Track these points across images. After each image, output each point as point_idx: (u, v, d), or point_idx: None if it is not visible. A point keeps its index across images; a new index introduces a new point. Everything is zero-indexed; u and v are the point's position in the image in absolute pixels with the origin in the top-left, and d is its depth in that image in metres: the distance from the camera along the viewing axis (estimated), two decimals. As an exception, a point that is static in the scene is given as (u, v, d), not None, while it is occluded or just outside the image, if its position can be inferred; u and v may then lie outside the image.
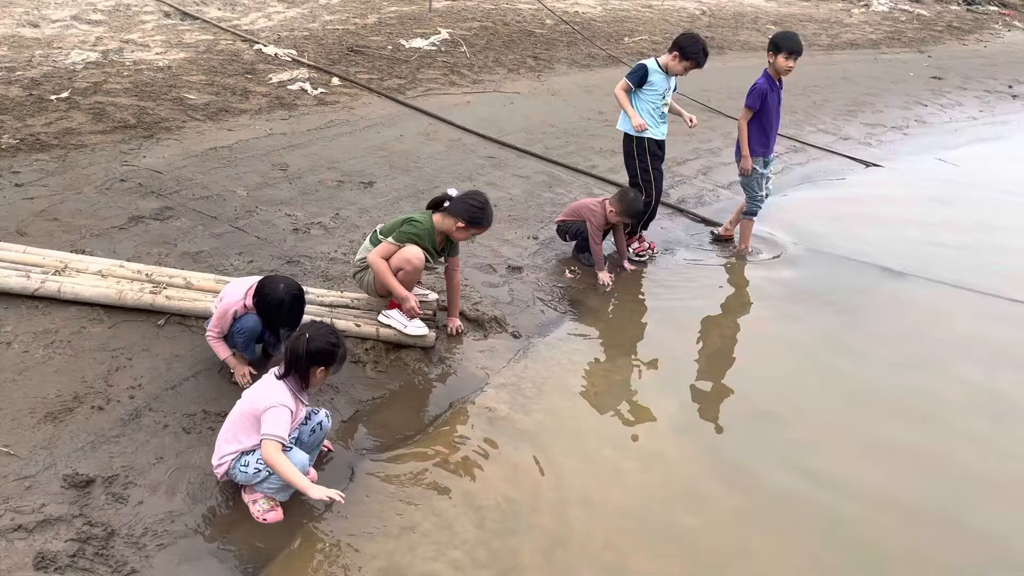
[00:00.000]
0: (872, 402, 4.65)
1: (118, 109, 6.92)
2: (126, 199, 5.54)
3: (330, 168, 6.51)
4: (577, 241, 5.83)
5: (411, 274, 4.36)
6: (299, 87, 8.07)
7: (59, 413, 3.62)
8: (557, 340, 4.98)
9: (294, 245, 5.31)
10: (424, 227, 4.33)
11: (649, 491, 3.87)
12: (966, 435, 4.42)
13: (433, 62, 9.56)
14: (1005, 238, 7.07)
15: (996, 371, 5.04)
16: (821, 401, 4.66)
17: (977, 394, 4.81)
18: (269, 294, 3.77)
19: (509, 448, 4.00)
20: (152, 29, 9.13)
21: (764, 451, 4.19)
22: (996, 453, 4.31)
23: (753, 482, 3.95)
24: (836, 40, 14.15)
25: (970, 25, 16.99)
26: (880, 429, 4.40)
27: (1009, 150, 9.71)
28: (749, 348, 5.27)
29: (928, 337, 5.42)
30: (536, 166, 7.26)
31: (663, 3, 14.49)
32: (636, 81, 5.71)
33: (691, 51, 5.60)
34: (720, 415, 4.51)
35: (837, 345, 5.24)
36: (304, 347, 3.33)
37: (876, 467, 4.11)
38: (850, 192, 7.87)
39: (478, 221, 4.34)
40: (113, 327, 4.20)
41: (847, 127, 9.67)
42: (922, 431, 4.43)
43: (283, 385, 3.36)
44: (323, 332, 3.41)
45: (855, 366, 5.01)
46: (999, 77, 12.97)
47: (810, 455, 4.17)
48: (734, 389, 4.75)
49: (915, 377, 4.94)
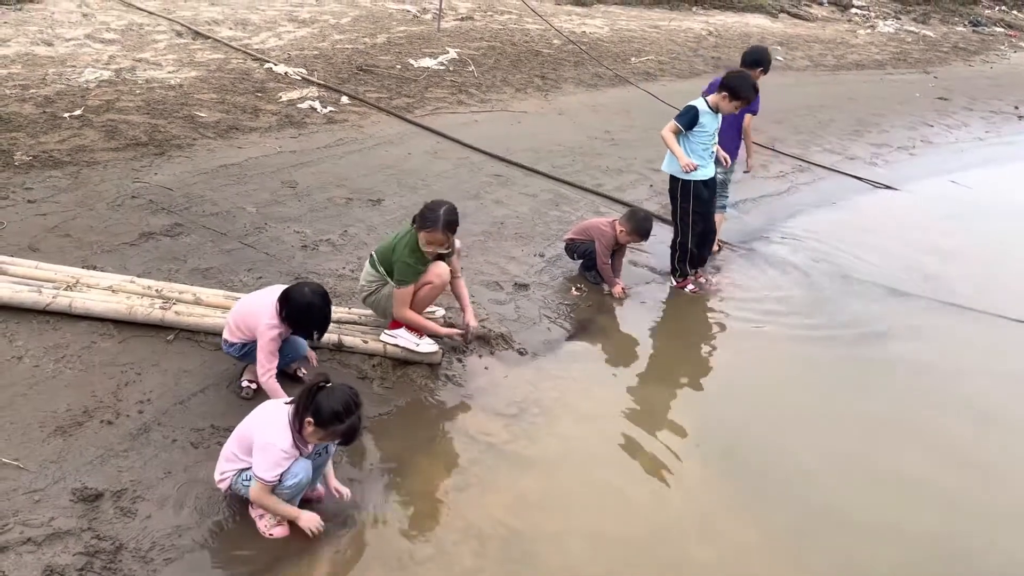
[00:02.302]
0: (887, 431, 4.60)
1: (130, 127, 7.00)
2: (137, 215, 5.59)
3: (339, 186, 6.57)
4: (584, 260, 5.85)
5: (437, 288, 4.45)
6: (309, 105, 8.15)
7: (69, 427, 3.65)
8: (563, 360, 4.97)
9: (303, 262, 5.35)
10: (409, 256, 4.30)
11: (657, 522, 3.80)
12: (980, 467, 4.40)
13: (441, 81, 9.64)
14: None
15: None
16: (835, 431, 4.61)
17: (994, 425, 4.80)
18: (298, 298, 3.78)
19: (513, 475, 3.96)
20: (164, 48, 9.25)
21: (778, 482, 4.12)
22: (1009, 485, 4.28)
23: (767, 515, 3.88)
24: (842, 61, 14.23)
25: (976, 46, 17.07)
26: (895, 461, 4.36)
27: (1021, 171, 9.72)
28: (758, 372, 5.20)
29: (952, 366, 5.39)
30: (543, 184, 7.30)
31: (670, 23, 14.59)
32: (686, 124, 5.50)
33: (743, 91, 5.39)
34: (731, 443, 4.43)
35: (852, 371, 5.20)
36: (312, 394, 3.20)
37: (890, 501, 4.06)
38: (868, 214, 7.85)
39: (424, 220, 4.24)
40: (123, 342, 4.24)
41: (853, 147, 9.70)
42: (935, 463, 4.38)
43: (287, 426, 3.26)
44: (344, 395, 3.22)
45: (871, 394, 4.96)
46: (1005, 98, 13.01)
47: (824, 488, 4.11)
48: (745, 415, 4.69)
49: (931, 406, 4.90)
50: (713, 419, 4.65)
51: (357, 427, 3.26)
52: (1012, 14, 20.95)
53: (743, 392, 4.98)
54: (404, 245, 4.33)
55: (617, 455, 4.26)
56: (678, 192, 5.72)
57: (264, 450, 3.23)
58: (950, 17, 19.27)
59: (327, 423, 3.19)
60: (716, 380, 5.09)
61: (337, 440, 3.31)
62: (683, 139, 5.57)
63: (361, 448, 3.97)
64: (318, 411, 3.18)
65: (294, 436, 3.25)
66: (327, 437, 3.26)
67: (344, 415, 3.19)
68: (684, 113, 5.54)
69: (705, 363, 5.24)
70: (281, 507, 3.29)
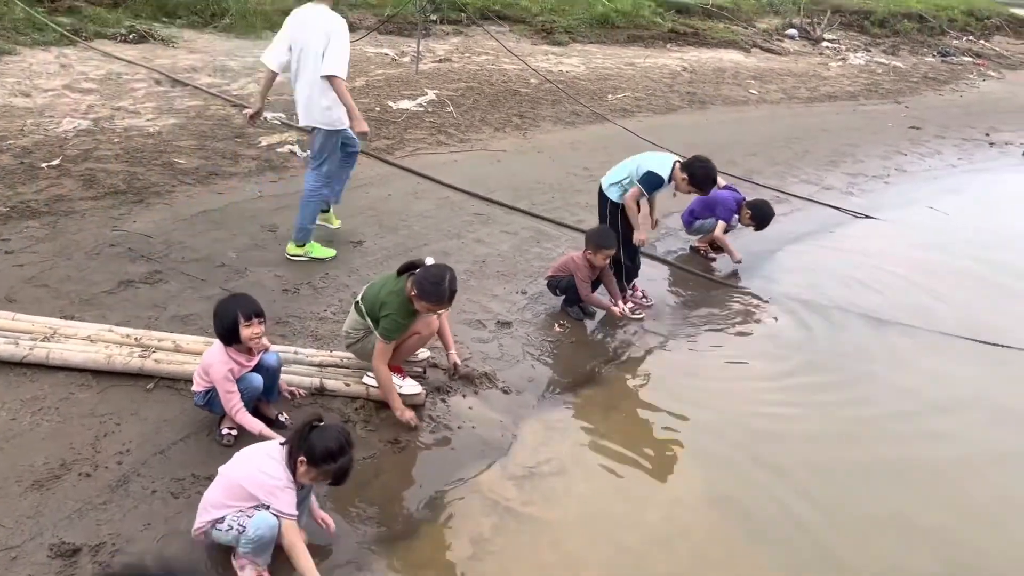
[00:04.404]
0: (889, 471, 4.58)
1: (108, 175, 6.99)
2: (116, 264, 5.56)
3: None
4: (566, 295, 5.86)
5: (425, 339, 4.47)
6: (288, 149, 8.19)
7: (46, 481, 3.59)
8: (551, 400, 4.90)
9: (284, 306, 5.32)
10: (397, 312, 4.25)
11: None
12: (978, 504, 4.40)
13: (421, 122, 9.72)
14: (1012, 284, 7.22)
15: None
16: (848, 474, 4.53)
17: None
18: (222, 313, 3.92)
19: (513, 534, 3.84)
20: (143, 96, 9.28)
21: (798, 534, 4.02)
22: (1008, 528, 4.27)
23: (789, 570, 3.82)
24: (815, 93, 14.48)
25: (945, 76, 17.43)
26: (898, 502, 4.32)
27: (995, 197, 9.87)
28: (755, 408, 5.06)
29: (950, 398, 5.40)
30: (523, 222, 7.34)
31: (645, 60, 14.82)
32: (650, 190, 5.88)
33: (703, 183, 5.79)
34: (743, 487, 4.34)
35: (851, 408, 5.15)
36: (306, 433, 3.19)
37: (898, 545, 4.03)
38: (848, 244, 7.89)
39: (427, 295, 4.18)
40: (102, 392, 4.19)
41: (829, 177, 9.83)
42: (939, 507, 4.35)
43: (283, 465, 3.24)
44: (337, 434, 3.22)
45: (874, 433, 4.91)
46: (976, 125, 13.26)
47: (844, 538, 4.03)
48: (752, 456, 4.58)
49: (936, 442, 4.89)
50: (716, 461, 4.54)
51: (349, 467, 3.26)
52: (980, 44, 21.43)
53: (742, 435, 4.80)
54: (395, 300, 4.25)
55: (622, 506, 4.16)
56: (617, 214, 6.01)
57: (272, 493, 3.21)
58: (919, 48, 19.68)
59: (320, 462, 3.19)
60: (711, 419, 4.93)
61: (328, 480, 3.28)
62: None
63: (347, 498, 3.87)
64: (311, 450, 3.18)
65: (288, 474, 3.25)
66: (319, 477, 3.25)
67: (338, 454, 3.19)
68: (652, 182, 5.86)
69: (695, 401, 5.10)
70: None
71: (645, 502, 4.21)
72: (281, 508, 3.19)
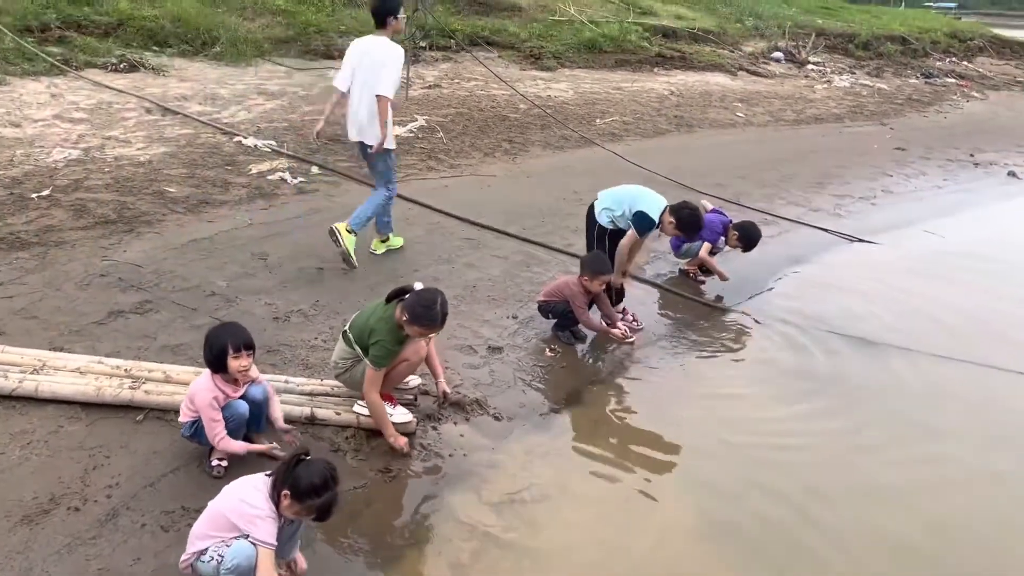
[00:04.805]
0: (885, 497, 4.56)
1: (99, 205, 7.00)
2: (105, 294, 5.56)
3: (310, 255, 6.58)
4: (558, 319, 5.88)
5: (414, 365, 4.49)
6: (279, 177, 8.21)
7: (35, 515, 3.57)
8: (542, 427, 4.88)
9: (274, 334, 5.32)
10: (387, 339, 4.25)
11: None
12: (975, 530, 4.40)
13: (411, 148, 9.77)
14: (1010, 307, 7.25)
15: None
16: (843, 499, 4.51)
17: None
18: (212, 341, 3.91)
19: (496, 560, 3.81)
20: (133, 125, 9.31)
21: (793, 559, 3.99)
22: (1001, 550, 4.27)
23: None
24: (801, 115, 14.63)
25: (929, 97, 17.64)
26: (894, 527, 4.30)
27: (984, 217, 9.96)
28: (747, 432, 5.05)
29: (946, 421, 5.40)
30: (514, 246, 7.37)
31: (632, 85, 14.96)
32: (640, 232, 6.04)
33: (689, 228, 6.02)
34: (736, 513, 4.32)
35: (844, 432, 5.15)
36: (291, 467, 3.19)
37: (895, 570, 4.03)
38: (838, 266, 7.92)
39: (419, 318, 4.19)
40: (91, 424, 4.17)
41: (816, 199, 9.91)
42: (937, 532, 4.34)
43: (267, 497, 3.23)
44: (322, 469, 3.20)
45: (867, 460, 4.89)
46: (960, 146, 13.41)
47: (841, 563, 4.00)
48: (745, 481, 4.57)
49: (934, 466, 4.89)
50: (709, 489, 4.51)
51: (333, 503, 3.23)
52: (963, 65, 21.72)
53: (734, 460, 4.78)
54: (384, 327, 4.26)
55: (614, 538, 4.14)
56: (605, 237, 6.18)
57: (252, 522, 3.19)
58: (903, 70, 19.94)
59: (303, 497, 3.17)
60: (703, 445, 4.92)
61: (312, 515, 3.26)
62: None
63: (335, 532, 3.84)
64: (296, 484, 3.17)
65: (273, 507, 3.23)
66: (303, 512, 3.23)
67: (322, 489, 3.17)
68: (647, 226, 6.05)
69: (685, 426, 5.09)
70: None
71: (636, 528, 4.19)
72: (259, 536, 3.17)
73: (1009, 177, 11.95)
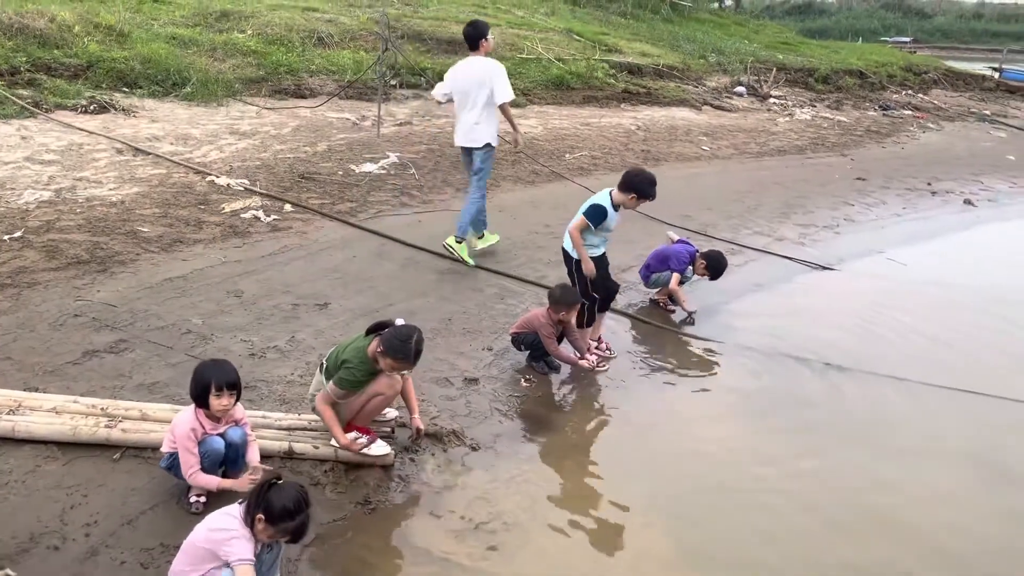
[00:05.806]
0: (858, 522, 4.64)
1: (71, 245, 7.00)
2: (80, 334, 5.56)
3: (285, 292, 6.63)
4: (531, 350, 5.97)
5: (388, 399, 4.54)
6: (252, 215, 8.26)
7: (14, 555, 3.56)
8: (518, 456, 4.94)
9: (250, 370, 5.35)
10: (357, 367, 4.34)
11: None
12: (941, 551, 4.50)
13: (383, 185, 9.88)
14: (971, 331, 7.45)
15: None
16: (817, 525, 4.59)
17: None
18: (198, 376, 3.95)
19: None
20: (105, 166, 9.32)
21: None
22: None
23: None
24: (765, 147, 14.98)
25: (888, 129, 18.13)
26: (869, 553, 4.38)
27: (942, 244, 10.25)
28: (723, 465, 5.12)
29: (914, 445, 5.52)
30: (488, 279, 7.47)
31: (600, 120, 15.24)
32: (596, 223, 5.97)
33: (646, 191, 5.93)
34: (710, 542, 4.39)
35: (813, 458, 5.26)
36: (264, 492, 3.27)
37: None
38: (803, 294, 8.11)
39: (394, 351, 4.28)
40: (68, 464, 4.17)
41: (781, 228, 10.14)
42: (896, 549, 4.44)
43: (240, 521, 3.31)
44: (294, 493, 3.29)
45: (837, 483, 5.00)
46: (918, 175, 13.80)
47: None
48: (718, 509, 4.65)
49: (898, 490, 4.99)
50: (686, 521, 4.57)
51: (307, 524, 3.33)
52: (919, 97, 22.38)
53: (707, 490, 4.86)
54: (357, 357, 4.34)
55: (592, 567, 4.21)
56: (574, 269, 6.14)
57: (227, 543, 3.24)
58: (861, 103, 20.48)
59: (277, 520, 3.26)
60: (677, 474, 5.00)
61: (286, 538, 3.34)
62: (587, 232, 6.03)
63: (314, 564, 3.89)
64: (269, 508, 3.25)
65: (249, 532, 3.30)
66: (277, 534, 3.31)
67: (295, 512, 3.27)
68: (597, 214, 5.97)
69: (659, 454, 5.18)
70: None
71: (610, 557, 4.25)
72: (237, 554, 3.23)
73: (965, 205, 12.32)
